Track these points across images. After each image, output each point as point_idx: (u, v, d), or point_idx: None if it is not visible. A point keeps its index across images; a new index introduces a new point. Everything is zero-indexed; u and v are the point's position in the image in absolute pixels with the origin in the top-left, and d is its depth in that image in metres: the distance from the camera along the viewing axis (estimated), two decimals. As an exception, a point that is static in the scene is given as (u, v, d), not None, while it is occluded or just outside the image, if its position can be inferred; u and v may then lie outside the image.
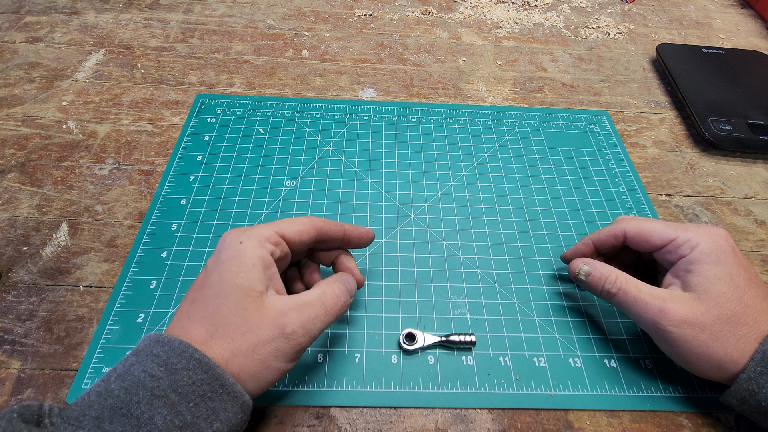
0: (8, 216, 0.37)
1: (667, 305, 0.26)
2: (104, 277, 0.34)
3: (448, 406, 0.29)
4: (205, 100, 0.47)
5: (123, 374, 0.21)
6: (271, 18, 0.58)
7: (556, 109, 0.49)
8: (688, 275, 0.27)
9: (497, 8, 0.63)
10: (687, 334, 0.25)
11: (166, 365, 0.21)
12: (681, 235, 0.28)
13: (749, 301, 0.25)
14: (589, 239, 0.32)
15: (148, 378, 0.21)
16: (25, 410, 0.20)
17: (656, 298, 0.27)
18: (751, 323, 0.25)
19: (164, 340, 0.22)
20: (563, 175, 0.43)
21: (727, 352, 0.25)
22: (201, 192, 0.39)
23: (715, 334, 0.25)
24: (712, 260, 0.26)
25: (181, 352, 0.21)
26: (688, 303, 0.26)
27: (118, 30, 0.54)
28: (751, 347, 0.25)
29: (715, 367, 0.26)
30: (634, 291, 0.27)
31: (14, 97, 0.46)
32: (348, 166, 0.42)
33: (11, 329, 0.31)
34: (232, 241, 0.25)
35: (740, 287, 0.26)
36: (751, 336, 0.25)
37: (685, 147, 0.47)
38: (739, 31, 0.62)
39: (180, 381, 0.21)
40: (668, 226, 0.28)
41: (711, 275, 0.26)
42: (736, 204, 0.42)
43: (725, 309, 0.25)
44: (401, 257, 0.36)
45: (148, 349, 0.22)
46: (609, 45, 0.58)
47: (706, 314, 0.25)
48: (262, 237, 0.25)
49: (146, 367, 0.21)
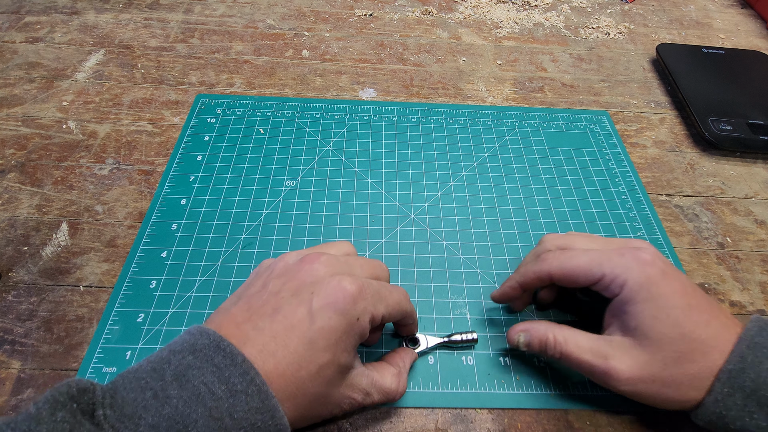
0: (8, 216, 0.37)
1: (611, 364, 0.25)
2: (104, 277, 0.34)
3: (448, 406, 0.29)
4: (205, 100, 0.47)
5: (180, 377, 0.20)
6: (271, 18, 0.58)
7: (556, 109, 0.49)
8: (624, 317, 0.26)
9: (497, 8, 0.63)
10: (639, 388, 0.25)
11: (227, 383, 0.20)
12: (607, 273, 0.26)
13: (692, 335, 0.24)
14: (516, 282, 0.30)
15: (208, 395, 0.20)
16: (81, 396, 0.19)
17: (599, 357, 0.25)
18: (699, 359, 0.24)
19: (226, 348, 0.21)
20: (563, 175, 0.43)
21: (682, 393, 0.24)
22: (201, 192, 0.39)
23: (666, 381, 0.24)
24: (643, 297, 0.25)
25: (243, 372, 0.20)
26: (631, 354, 0.25)
27: (118, 30, 0.54)
28: (707, 382, 0.24)
29: (677, 406, 0.25)
30: (576, 353, 0.26)
31: (14, 97, 0.46)
32: (348, 166, 0.42)
33: (11, 329, 0.31)
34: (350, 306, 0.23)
35: (679, 322, 0.24)
36: (704, 372, 0.24)
37: (685, 147, 0.47)
38: (739, 31, 0.62)
39: (237, 405, 0.20)
40: (593, 261, 0.27)
41: (647, 316, 0.25)
42: (736, 204, 0.42)
43: (669, 352, 0.24)
44: (401, 257, 0.36)
45: (209, 354, 0.21)
46: (609, 45, 0.58)
47: (651, 363, 0.24)
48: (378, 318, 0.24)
49: (206, 378, 0.20)
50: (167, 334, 0.31)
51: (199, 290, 0.33)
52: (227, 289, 0.33)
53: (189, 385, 0.20)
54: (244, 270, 0.35)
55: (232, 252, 0.36)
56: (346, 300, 0.23)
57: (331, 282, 0.23)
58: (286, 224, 0.37)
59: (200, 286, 0.34)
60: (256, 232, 0.37)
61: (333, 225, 0.38)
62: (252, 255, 0.35)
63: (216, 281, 0.34)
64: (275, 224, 0.37)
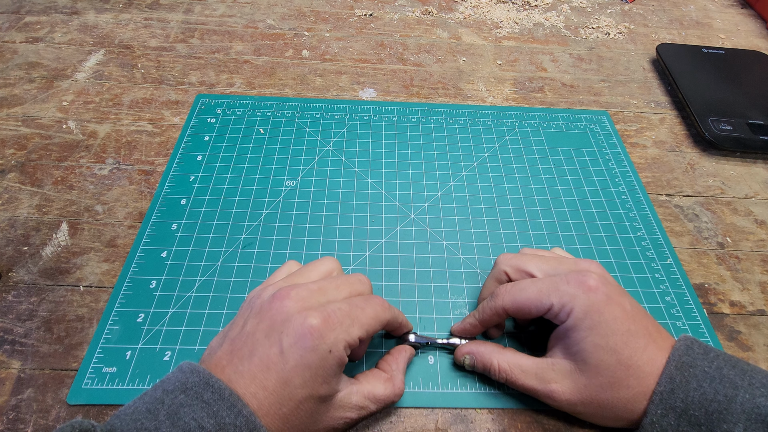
0: (8, 216, 0.37)
1: (552, 387, 0.27)
2: (104, 277, 0.34)
3: (448, 406, 0.29)
4: (205, 100, 0.47)
5: (172, 414, 0.21)
6: (271, 18, 0.58)
7: (556, 109, 0.49)
8: (567, 341, 0.27)
9: (497, 8, 0.63)
10: (578, 409, 0.27)
11: (215, 417, 0.21)
12: (555, 302, 0.27)
13: (628, 361, 0.25)
14: (475, 319, 0.31)
15: (198, 429, 0.21)
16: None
17: (541, 381, 0.27)
18: (634, 384, 0.25)
19: (215, 385, 0.22)
20: (563, 175, 0.43)
21: (618, 416, 0.26)
22: (201, 192, 0.39)
23: (602, 404, 0.26)
24: (587, 326, 0.26)
25: (231, 405, 0.21)
26: (571, 378, 0.26)
27: (118, 30, 0.54)
28: (642, 405, 0.25)
29: (622, 423, 0.26)
30: (521, 378, 0.28)
31: (14, 97, 0.46)
32: (348, 166, 0.42)
33: (11, 329, 0.31)
34: (319, 343, 0.23)
35: (617, 349, 0.25)
36: (638, 396, 0.25)
37: (685, 147, 0.47)
38: (739, 31, 0.62)
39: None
40: (541, 292, 0.27)
41: (588, 344, 0.26)
42: (736, 204, 0.42)
43: (606, 377, 0.25)
44: (401, 257, 0.36)
45: (198, 391, 0.22)
46: (609, 45, 0.58)
47: (588, 387, 0.26)
48: (351, 345, 0.24)
49: (196, 414, 0.21)
50: (167, 334, 0.31)
51: (199, 290, 0.33)
52: (227, 289, 0.34)
53: (180, 422, 0.21)
54: (243, 270, 0.35)
55: (232, 252, 0.36)
56: (314, 336, 0.23)
57: (298, 320, 0.24)
58: (286, 224, 0.37)
59: (200, 286, 0.34)
60: (256, 232, 0.37)
61: (333, 225, 0.38)
62: (252, 255, 0.35)
63: (216, 281, 0.34)
64: (275, 224, 0.37)
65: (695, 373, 0.24)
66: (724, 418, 0.23)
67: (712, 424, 0.23)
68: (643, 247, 0.38)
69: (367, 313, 0.26)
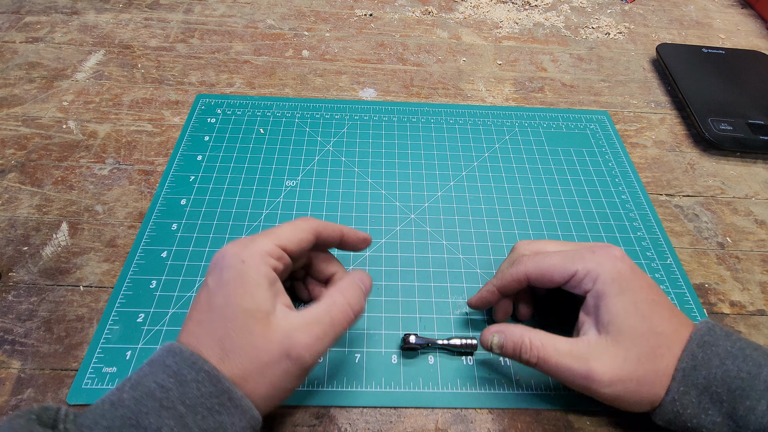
0: (8, 216, 0.37)
1: (591, 366, 0.25)
2: (104, 277, 0.34)
3: (448, 406, 0.29)
4: (205, 100, 0.47)
5: (136, 384, 0.21)
6: (271, 18, 0.58)
7: (556, 109, 0.49)
8: (598, 312, 0.26)
9: (497, 8, 0.63)
10: (618, 389, 0.25)
11: (176, 376, 0.21)
12: (580, 268, 0.27)
13: (659, 329, 0.25)
14: (493, 285, 0.30)
15: (158, 389, 0.21)
16: (43, 412, 0.20)
17: (579, 360, 0.25)
18: (666, 353, 0.25)
19: (176, 350, 0.22)
20: (563, 175, 0.43)
21: (654, 392, 0.25)
22: (201, 192, 0.39)
23: (641, 379, 0.25)
24: (616, 291, 0.25)
25: (191, 363, 0.22)
26: (609, 353, 0.25)
27: (118, 30, 0.54)
28: (666, 381, 0.25)
29: (647, 405, 0.25)
30: (555, 357, 0.26)
31: (14, 97, 0.46)
32: (348, 166, 0.42)
33: (11, 329, 0.31)
34: (233, 259, 0.24)
35: (647, 315, 0.25)
36: (669, 369, 0.25)
37: (685, 147, 0.47)
38: (739, 31, 0.62)
39: (189, 393, 0.21)
40: (566, 258, 0.27)
41: (619, 310, 0.25)
42: (736, 204, 0.42)
43: (641, 346, 0.25)
44: (401, 257, 0.36)
45: (161, 359, 0.22)
46: (609, 45, 0.58)
47: (628, 360, 0.25)
48: (264, 252, 0.25)
49: (157, 377, 0.21)
50: (167, 334, 0.31)
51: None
52: (227, 289, 0.33)
53: (141, 387, 0.21)
54: (244, 270, 0.35)
55: (232, 252, 0.36)
56: (226, 256, 0.25)
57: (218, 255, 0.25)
58: (286, 224, 0.37)
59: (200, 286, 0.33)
60: (256, 231, 0.37)
61: (333, 225, 0.38)
62: (252, 255, 0.35)
63: (216, 281, 0.34)
64: (275, 224, 0.37)
65: (718, 351, 0.24)
66: (747, 394, 0.23)
67: (735, 401, 0.23)
68: (643, 247, 0.38)
69: (283, 227, 0.27)
